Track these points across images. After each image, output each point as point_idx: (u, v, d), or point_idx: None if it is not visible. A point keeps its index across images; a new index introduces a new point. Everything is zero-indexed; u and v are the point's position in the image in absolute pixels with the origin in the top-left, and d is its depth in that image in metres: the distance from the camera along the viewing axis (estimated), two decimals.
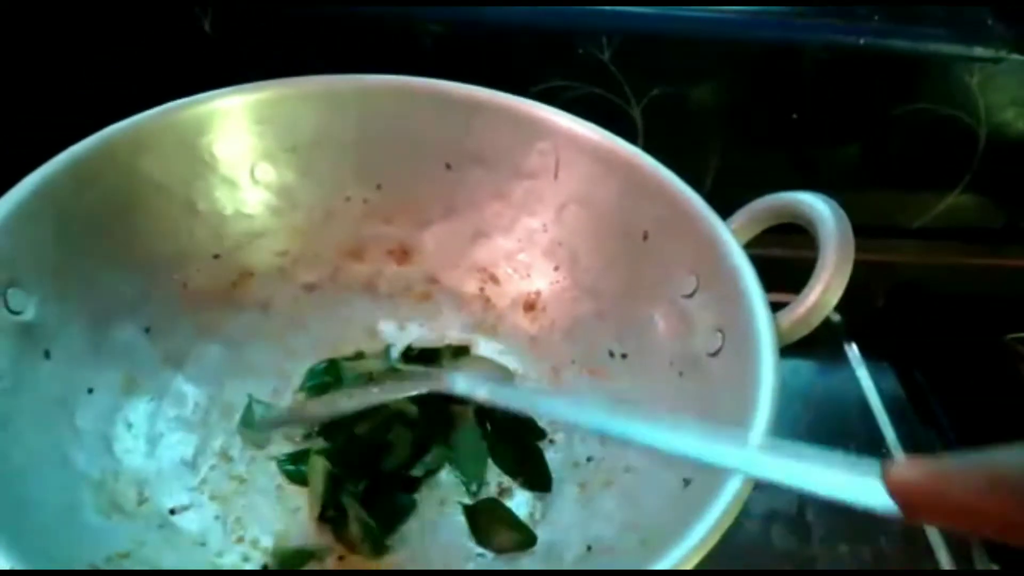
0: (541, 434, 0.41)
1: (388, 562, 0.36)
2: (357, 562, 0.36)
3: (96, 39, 0.49)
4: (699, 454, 0.25)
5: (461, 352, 0.45)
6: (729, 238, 0.37)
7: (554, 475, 0.39)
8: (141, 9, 0.48)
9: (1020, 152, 0.57)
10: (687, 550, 0.26)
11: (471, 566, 0.36)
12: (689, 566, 0.26)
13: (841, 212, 0.35)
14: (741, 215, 0.39)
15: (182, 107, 0.41)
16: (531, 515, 0.38)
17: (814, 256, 0.35)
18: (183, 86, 0.42)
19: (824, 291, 0.34)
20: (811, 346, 0.50)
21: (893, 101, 0.54)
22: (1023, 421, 0.47)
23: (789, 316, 0.35)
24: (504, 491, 0.39)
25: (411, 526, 0.38)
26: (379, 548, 0.36)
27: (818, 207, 0.35)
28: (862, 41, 0.51)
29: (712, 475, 0.29)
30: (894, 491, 0.20)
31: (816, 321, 0.35)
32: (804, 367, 0.52)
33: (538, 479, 0.39)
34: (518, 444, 0.40)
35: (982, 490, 0.19)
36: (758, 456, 0.24)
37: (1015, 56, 0.52)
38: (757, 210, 0.39)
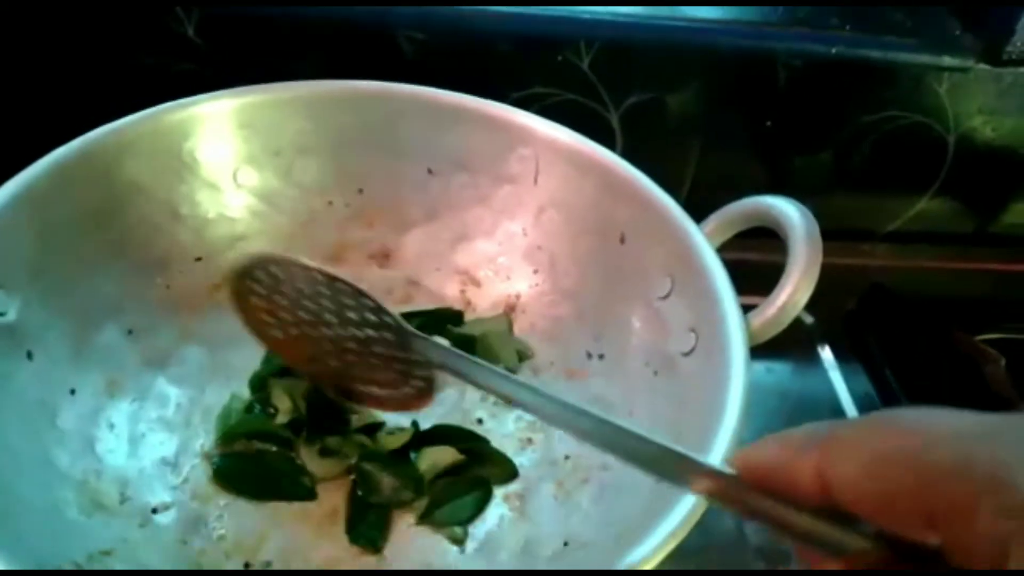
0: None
1: (366, 562, 0.37)
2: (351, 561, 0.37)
3: (80, 44, 0.49)
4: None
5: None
6: (702, 242, 0.38)
7: (532, 473, 0.40)
8: (125, 14, 0.48)
9: (988, 158, 0.59)
10: (659, 542, 0.27)
11: (450, 560, 0.37)
12: (661, 556, 0.27)
13: (810, 216, 0.36)
14: (714, 219, 0.40)
15: (165, 111, 0.42)
16: (509, 513, 0.39)
17: (784, 260, 0.36)
18: (167, 91, 0.42)
19: (793, 292, 0.35)
20: (785, 348, 0.52)
21: (865, 109, 0.55)
22: None
23: (760, 317, 0.36)
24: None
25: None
26: (421, 489, 0.38)
27: (787, 211, 0.36)
28: (834, 50, 0.53)
29: None
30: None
31: (786, 321, 0.36)
32: (778, 368, 0.53)
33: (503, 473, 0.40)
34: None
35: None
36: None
37: (982, 66, 0.54)
38: (729, 214, 0.40)
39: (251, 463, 0.39)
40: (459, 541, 0.38)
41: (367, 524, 0.38)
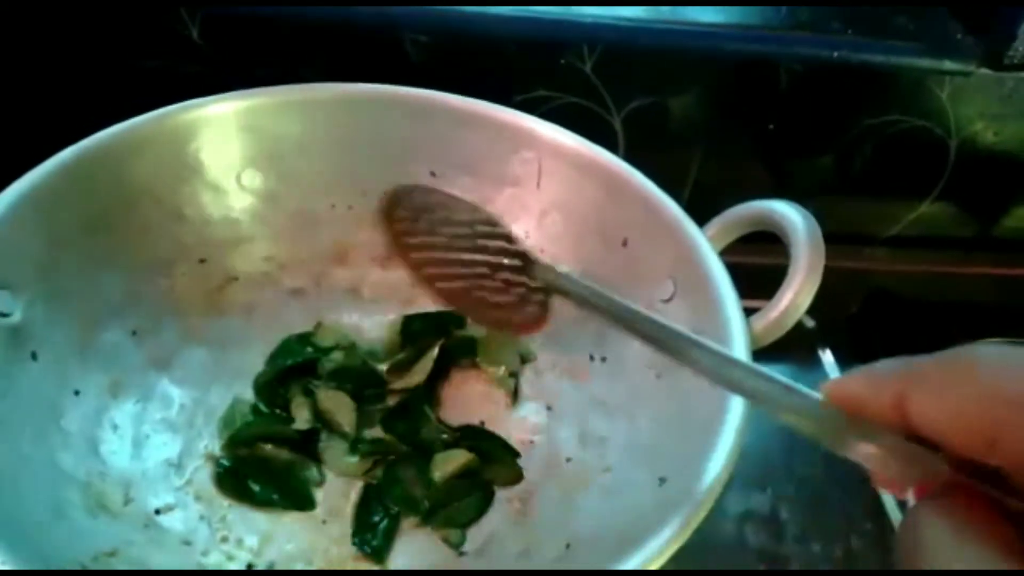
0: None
1: (369, 564, 0.37)
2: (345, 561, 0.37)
3: (85, 46, 0.50)
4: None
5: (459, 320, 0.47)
6: (705, 245, 0.38)
7: (535, 476, 0.40)
8: (129, 17, 0.49)
9: (989, 163, 0.59)
10: (661, 545, 0.27)
11: (452, 562, 0.37)
12: (665, 559, 0.27)
13: (812, 220, 0.36)
14: (716, 223, 0.40)
15: (170, 114, 0.42)
16: (511, 515, 0.39)
17: (787, 263, 0.36)
18: (171, 93, 0.42)
19: (795, 296, 0.35)
20: (787, 352, 0.52)
21: (867, 113, 0.56)
22: None
23: (762, 320, 0.36)
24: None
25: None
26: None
27: (790, 215, 0.37)
28: (836, 55, 0.53)
29: (687, 473, 0.30)
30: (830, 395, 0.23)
31: (788, 325, 0.36)
32: (780, 372, 0.52)
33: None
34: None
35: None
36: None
37: (984, 70, 0.54)
38: (732, 218, 0.40)
39: (253, 470, 0.39)
40: (456, 545, 0.38)
41: (374, 533, 0.38)
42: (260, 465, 0.39)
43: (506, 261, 0.38)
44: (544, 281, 0.37)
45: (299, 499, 0.39)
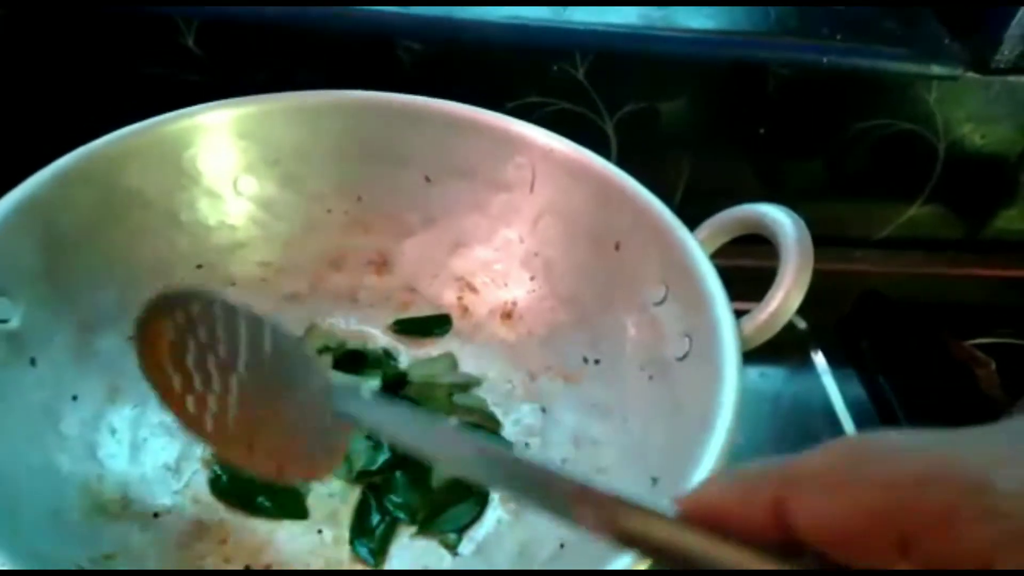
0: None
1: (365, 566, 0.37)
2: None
3: (82, 55, 0.50)
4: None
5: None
6: (696, 248, 0.39)
7: None
8: (126, 25, 0.49)
9: (978, 166, 0.59)
10: None
11: (447, 563, 0.38)
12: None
13: (801, 223, 0.37)
14: (707, 226, 0.41)
15: (166, 121, 0.42)
16: (505, 516, 0.39)
17: (776, 266, 0.37)
18: (167, 101, 0.43)
19: (785, 298, 0.36)
20: (779, 353, 0.53)
21: (855, 117, 0.56)
22: (979, 422, 0.49)
23: (752, 322, 0.36)
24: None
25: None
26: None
27: (779, 218, 0.37)
28: (825, 59, 0.53)
29: (678, 473, 0.31)
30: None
31: (778, 326, 0.36)
32: (772, 373, 0.53)
33: None
34: None
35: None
36: None
37: (971, 74, 0.55)
38: (722, 222, 0.40)
39: (247, 477, 0.39)
40: (452, 547, 0.38)
41: (372, 537, 0.38)
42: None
43: (296, 388, 0.30)
44: (342, 413, 0.28)
45: (293, 508, 0.39)
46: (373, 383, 0.43)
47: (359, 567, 0.37)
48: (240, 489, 0.39)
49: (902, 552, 0.16)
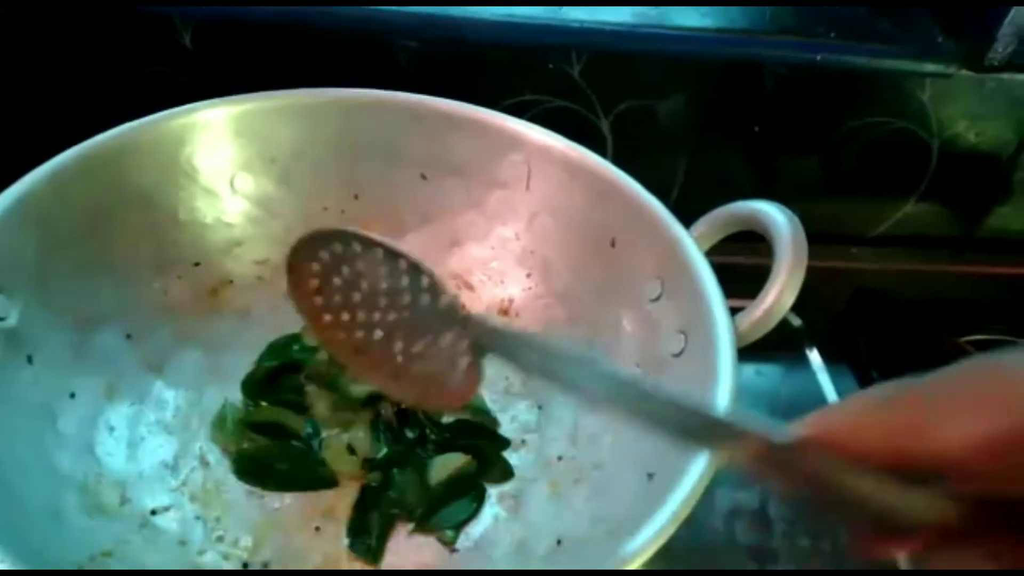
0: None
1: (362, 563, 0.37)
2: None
3: (80, 53, 0.50)
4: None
5: None
6: (691, 245, 0.39)
7: (527, 474, 0.41)
8: (123, 24, 0.49)
9: (972, 163, 0.60)
10: (649, 538, 0.28)
11: (445, 560, 0.38)
12: (652, 551, 0.28)
13: (795, 220, 0.37)
14: (702, 223, 0.41)
15: (164, 119, 0.42)
16: (503, 513, 0.39)
17: (771, 262, 0.37)
18: (164, 99, 0.43)
19: (779, 295, 0.36)
20: (774, 350, 0.53)
21: (850, 114, 0.56)
22: None
23: (747, 318, 0.36)
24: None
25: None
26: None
27: (774, 215, 0.37)
28: (820, 57, 0.54)
29: (674, 469, 0.31)
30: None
31: (772, 323, 0.36)
32: (768, 370, 0.53)
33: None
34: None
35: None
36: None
37: (965, 72, 0.55)
38: (717, 219, 0.40)
39: (271, 456, 0.40)
40: (450, 543, 0.38)
41: (369, 534, 0.38)
42: (275, 453, 0.40)
43: (433, 319, 0.32)
44: (475, 337, 0.31)
45: (320, 479, 0.40)
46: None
47: (356, 565, 0.37)
48: (266, 469, 0.40)
49: None
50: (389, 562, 0.38)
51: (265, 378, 0.43)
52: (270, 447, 0.41)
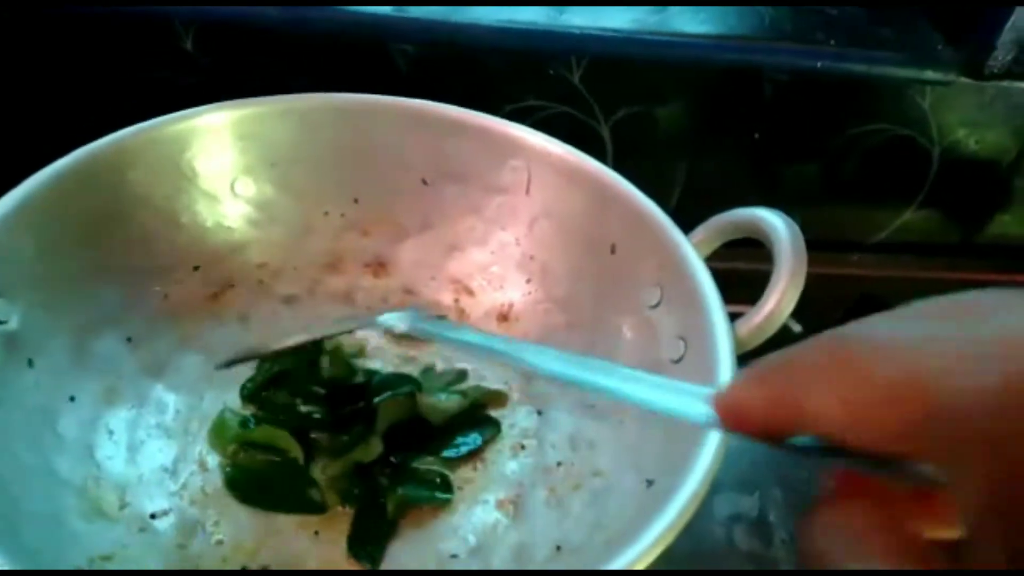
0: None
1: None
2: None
3: (82, 57, 0.50)
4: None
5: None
6: (691, 252, 0.39)
7: (526, 480, 0.41)
8: (124, 28, 0.49)
9: (972, 170, 0.60)
10: (648, 544, 0.28)
11: (445, 565, 0.38)
12: (652, 558, 0.28)
13: (795, 227, 0.37)
14: (702, 230, 0.41)
15: (164, 123, 0.42)
16: (502, 519, 0.39)
17: (771, 269, 0.37)
18: (165, 103, 0.43)
19: (779, 301, 0.36)
20: None
21: (850, 122, 0.57)
22: None
23: (746, 325, 0.36)
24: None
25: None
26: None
27: (773, 222, 0.37)
28: (820, 64, 0.54)
29: (673, 475, 0.31)
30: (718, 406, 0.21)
31: (772, 329, 0.36)
32: None
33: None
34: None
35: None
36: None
37: (965, 80, 0.55)
38: (717, 225, 0.40)
39: (263, 475, 0.39)
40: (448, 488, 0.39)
41: (370, 540, 0.38)
42: (267, 472, 0.40)
43: None
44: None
45: (310, 502, 0.39)
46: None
47: (356, 567, 0.37)
48: (256, 487, 0.39)
49: (892, 442, 0.18)
50: (388, 566, 0.38)
51: (262, 387, 0.43)
52: (264, 464, 0.40)
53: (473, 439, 0.42)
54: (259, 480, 0.39)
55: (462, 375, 0.46)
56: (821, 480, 0.21)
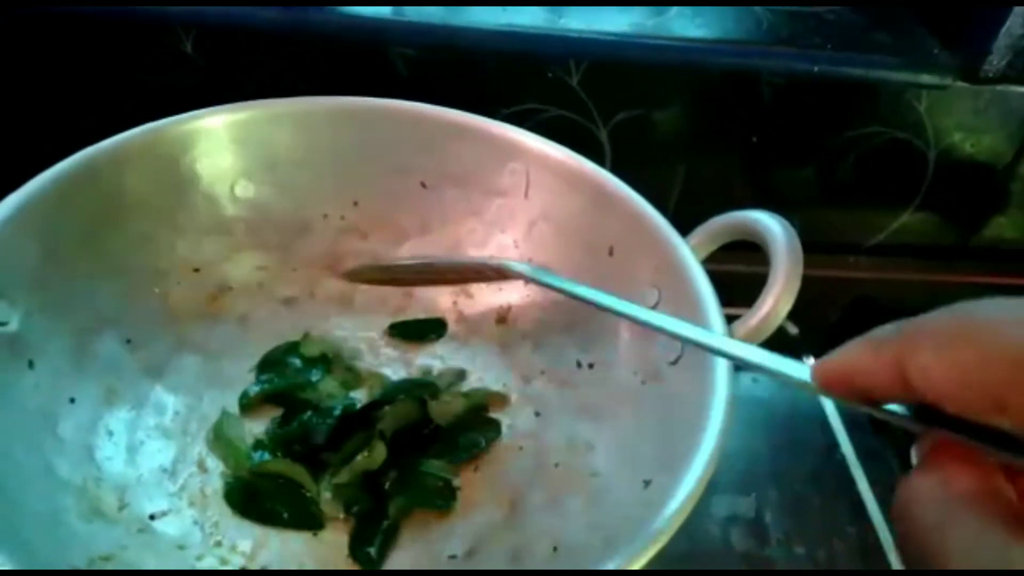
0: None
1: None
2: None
3: (82, 60, 0.50)
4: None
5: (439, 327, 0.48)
6: (688, 254, 0.39)
7: (523, 481, 0.41)
8: (125, 31, 0.49)
9: (968, 173, 0.60)
10: (644, 544, 0.28)
11: (442, 566, 0.38)
12: (647, 558, 0.28)
13: (791, 229, 0.37)
14: (699, 232, 0.41)
15: (165, 127, 0.43)
16: (500, 520, 0.40)
17: (767, 271, 0.37)
18: (166, 106, 0.43)
19: (775, 303, 0.36)
20: None
21: (847, 125, 0.57)
22: None
23: (743, 327, 0.37)
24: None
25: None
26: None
27: (769, 225, 0.38)
28: (816, 68, 0.54)
29: (670, 476, 0.31)
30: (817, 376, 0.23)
31: (768, 331, 0.37)
32: (764, 379, 0.53)
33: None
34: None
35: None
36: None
37: (960, 84, 0.55)
38: (714, 228, 0.41)
39: (263, 491, 0.39)
40: (452, 494, 0.39)
41: (372, 544, 0.38)
42: (267, 487, 0.39)
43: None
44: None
45: (307, 518, 0.39)
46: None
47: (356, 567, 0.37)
48: (255, 502, 0.39)
49: (998, 411, 0.18)
50: (386, 566, 0.38)
51: (260, 401, 0.43)
52: (264, 483, 0.40)
53: (476, 441, 0.42)
54: (258, 495, 0.39)
55: (461, 375, 0.46)
56: (919, 447, 0.21)
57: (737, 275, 0.39)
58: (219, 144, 0.44)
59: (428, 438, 0.42)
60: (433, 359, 0.47)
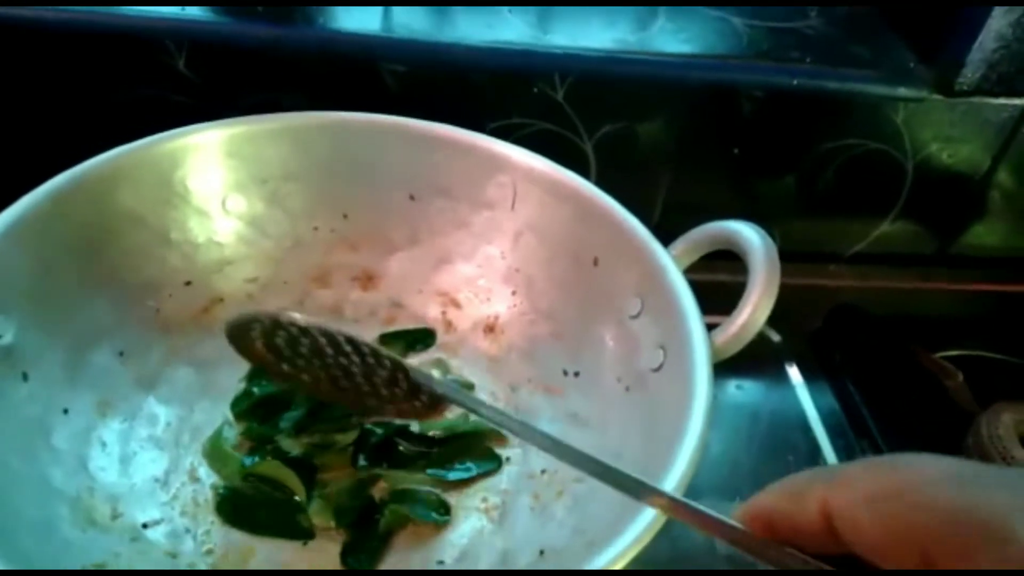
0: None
1: None
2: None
3: (75, 77, 0.51)
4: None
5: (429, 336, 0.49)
6: (670, 264, 0.40)
7: (510, 487, 0.42)
8: (117, 47, 0.50)
9: (945, 183, 0.61)
10: (626, 546, 0.29)
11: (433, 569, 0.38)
12: (629, 558, 0.29)
13: (769, 239, 0.38)
14: (681, 243, 0.42)
15: (157, 142, 0.44)
16: (487, 524, 0.40)
17: (746, 280, 0.38)
18: (158, 122, 0.44)
19: (753, 311, 0.37)
20: (754, 366, 0.54)
21: (826, 137, 0.58)
22: (948, 432, 0.51)
23: (723, 334, 0.38)
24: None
25: None
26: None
27: (748, 235, 0.39)
28: (796, 82, 0.55)
29: (653, 480, 0.32)
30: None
31: (747, 338, 0.38)
32: (748, 385, 0.55)
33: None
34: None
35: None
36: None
37: (936, 96, 0.57)
38: (695, 238, 0.42)
39: (253, 501, 0.40)
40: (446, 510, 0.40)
41: (364, 551, 0.39)
42: (258, 497, 0.40)
43: (377, 367, 0.36)
44: (426, 397, 0.36)
45: (298, 529, 0.39)
46: None
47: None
48: (246, 512, 0.39)
49: (927, 566, 0.17)
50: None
51: (251, 408, 0.43)
52: (255, 493, 0.40)
53: (468, 469, 0.42)
54: (248, 506, 0.40)
55: (468, 388, 0.47)
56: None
57: (719, 284, 0.40)
58: (211, 159, 0.45)
59: (420, 451, 0.43)
60: (432, 366, 0.47)
